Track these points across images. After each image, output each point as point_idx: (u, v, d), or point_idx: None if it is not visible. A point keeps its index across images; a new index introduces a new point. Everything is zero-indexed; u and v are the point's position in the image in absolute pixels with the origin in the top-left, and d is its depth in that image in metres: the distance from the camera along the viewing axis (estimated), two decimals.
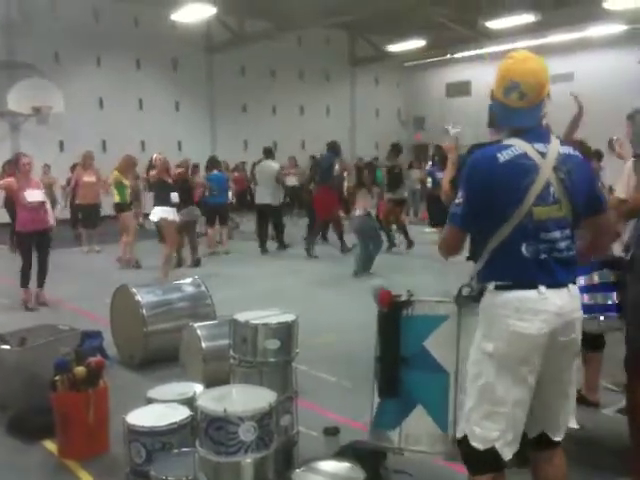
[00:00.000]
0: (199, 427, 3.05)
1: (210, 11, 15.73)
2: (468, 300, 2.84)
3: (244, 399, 3.18)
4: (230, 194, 13.98)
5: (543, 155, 2.50)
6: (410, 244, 11.82)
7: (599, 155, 12.02)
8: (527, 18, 16.65)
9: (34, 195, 7.62)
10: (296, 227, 13.86)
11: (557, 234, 2.50)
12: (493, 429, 2.52)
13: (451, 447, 2.97)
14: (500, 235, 2.50)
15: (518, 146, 2.50)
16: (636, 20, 16.12)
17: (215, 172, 12.50)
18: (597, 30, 17.75)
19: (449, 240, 2.69)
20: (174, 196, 9.12)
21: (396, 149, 12.68)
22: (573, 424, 2.72)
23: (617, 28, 17.22)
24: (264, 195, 12.13)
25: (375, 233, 9.93)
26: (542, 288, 2.46)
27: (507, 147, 2.51)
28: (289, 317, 3.63)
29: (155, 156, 9.59)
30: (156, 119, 19.23)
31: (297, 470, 3.20)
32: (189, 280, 6.22)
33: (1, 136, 16.65)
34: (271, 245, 12.45)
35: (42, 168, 14.96)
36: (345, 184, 13.62)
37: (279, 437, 3.28)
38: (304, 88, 22.79)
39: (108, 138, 18.17)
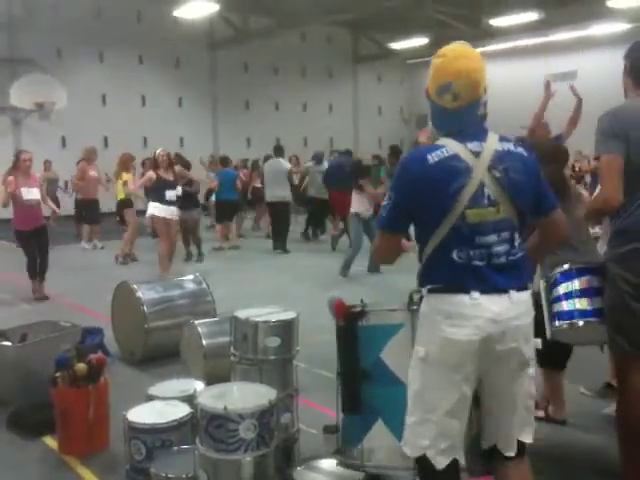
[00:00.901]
0: (199, 424, 3.05)
1: (213, 7, 15.75)
2: (418, 305, 2.69)
3: (244, 397, 3.17)
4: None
5: (477, 155, 2.36)
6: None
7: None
8: (530, 16, 16.64)
9: (32, 193, 7.62)
10: (296, 225, 13.87)
11: (493, 238, 2.37)
12: (424, 436, 2.42)
13: (409, 461, 2.87)
14: (434, 240, 2.39)
15: (449, 147, 2.37)
16: (639, 18, 16.08)
17: (224, 169, 12.71)
18: (600, 28, 17.73)
19: (381, 247, 2.62)
20: (170, 194, 9.07)
21: (395, 151, 12.59)
22: (528, 439, 2.52)
23: (620, 26, 17.18)
24: (276, 191, 12.19)
25: (356, 235, 9.60)
26: (475, 294, 2.33)
27: (438, 148, 2.38)
28: (290, 315, 3.63)
29: (159, 151, 9.46)
30: (158, 115, 19.23)
31: (297, 468, 3.20)
32: (190, 277, 6.22)
33: (3, 131, 16.67)
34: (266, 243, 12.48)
35: (43, 164, 15.00)
36: None
37: (279, 435, 3.28)
38: (307, 85, 22.78)
39: (110, 134, 18.18)
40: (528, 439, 2.52)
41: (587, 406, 4.43)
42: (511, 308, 2.36)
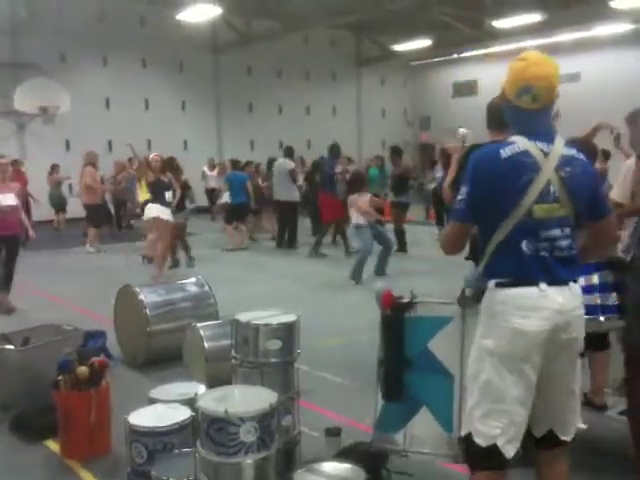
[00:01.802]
0: (200, 427, 3.04)
1: (216, 11, 15.76)
2: (471, 301, 2.86)
3: (245, 399, 3.17)
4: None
5: (545, 154, 2.50)
6: (403, 247, 11.62)
7: (607, 155, 11.96)
8: (533, 17, 16.61)
9: (7, 199, 7.54)
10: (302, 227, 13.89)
11: (557, 232, 2.51)
12: (495, 426, 2.51)
13: (456, 449, 2.96)
14: (501, 232, 2.50)
15: (520, 143, 2.51)
16: None
17: (234, 172, 12.97)
18: (603, 29, 17.68)
19: (450, 236, 2.69)
20: (168, 195, 9.19)
21: (396, 152, 12.55)
22: (581, 424, 2.71)
23: (623, 27, 17.15)
24: (281, 191, 12.36)
25: (365, 241, 9.40)
26: (543, 285, 2.46)
27: (509, 144, 2.52)
28: (290, 317, 3.62)
29: (152, 156, 9.65)
30: (162, 119, 19.26)
31: (298, 471, 3.19)
32: (193, 280, 6.22)
33: (7, 136, 16.67)
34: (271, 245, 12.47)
35: (51, 167, 15.11)
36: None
37: (280, 438, 3.27)
38: (310, 88, 22.79)
39: (114, 138, 18.20)
40: (582, 425, 2.71)
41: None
42: (572, 299, 2.51)
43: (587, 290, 3.31)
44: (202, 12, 15.86)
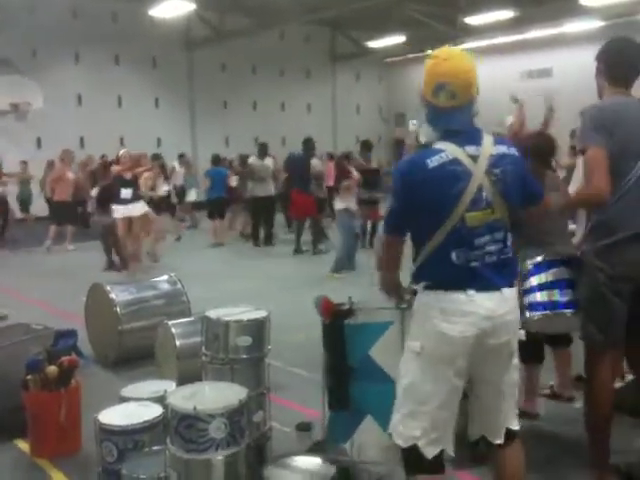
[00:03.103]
0: (169, 425, 3.04)
1: (189, 7, 15.65)
2: (410, 304, 2.79)
3: (215, 396, 3.16)
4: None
5: (475, 159, 2.45)
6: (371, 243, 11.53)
7: (574, 150, 12.10)
8: (506, 14, 16.75)
9: None
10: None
11: (487, 237, 2.47)
12: (415, 427, 2.51)
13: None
14: (433, 242, 2.47)
15: (449, 151, 2.45)
16: (612, 16, 16.25)
17: (215, 167, 13.11)
18: (574, 26, 17.87)
19: (384, 249, 2.68)
20: (125, 192, 9.12)
21: (366, 146, 12.56)
22: (515, 425, 2.68)
23: (594, 24, 17.35)
24: (264, 189, 12.38)
25: (349, 230, 9.61)
26: (470, 291, 2.43)
27: (437, 152, 2.46)
28: (261, 314, 3.64)
29: (121, 152, 9.60)
30: (135, 116, 19.08)
31: (269, 466, 3.20)
32: (165, 277, 6.19)
33: None
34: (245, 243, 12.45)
35: (19, 164, 14.90)
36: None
37: (251, 433, 3.28)
38: (285, 84, 22.72)
39: (86, 135, 18.03)
40: (516, 426, 2.66)
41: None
42: (503, 304, 2.49)
43: (541, 288, 3.36)
44: (175, 8, 15.73)
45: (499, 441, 2.63)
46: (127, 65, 19.22)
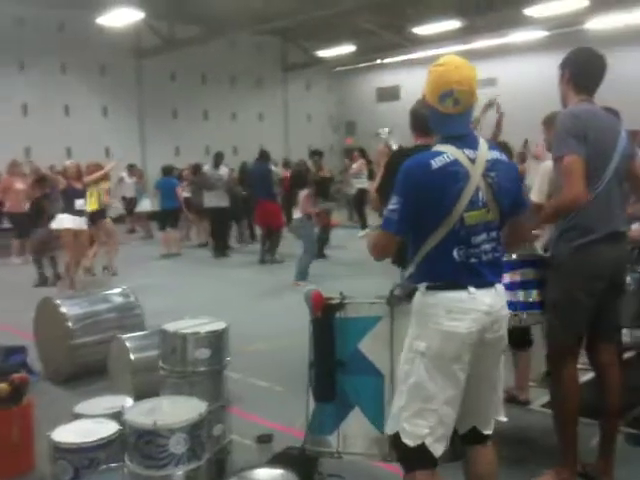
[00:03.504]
0: (128, 441, 2.97)
1: (138, 15, 15.46)
2: (400, 300, 2.93)
3: (174, 410, 3.11)
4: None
5: (473, 161, 2.56)
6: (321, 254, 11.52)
7: (523, 157, 12.40)
8: (453, 24, 17.08)
9: None
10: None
11: (484, 236, 2.59)
12: (423, 426, 2.57)
13: (387, 448, 3.00)
14: (433, 240, 2.56)
15: (450, 153, 2.55)
16: (556, 26, 16.73)
17: (165, 178, 12.98)
18: (519, 36, 18.36)
19: (382, 245, 2.71)
20: (79, 203, 8.94)
21: (317, 155, 12.63)
22: (502, 417, 2.81)
23: (538, 34, 17.84)
24: (218, 199, 12.32)
25: (311, 238, 9.70)
26: (472, 289, 2.54)
27: (439, 154, 2.56)
28: (219, 325, 3.60)
29: (68, 163, 9.43)
30: (83, 125, 18.74)
31: (230, 479, 3.16)
32: (118, 290, 6.07)
33: None
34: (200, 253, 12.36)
35: None
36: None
37: (211, 447, 3.24)
38: (236, 93, 22.65)
39: (33, 145, 17.61)
40: (502, 417, 2.81)
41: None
42: (498, 299, 2.63)
43: (510, 287, 3.43)
44: (124, 16, 15.53)
45: (489, 431, 2.75)
46: (74, 74, 18.88)
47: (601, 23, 16.02)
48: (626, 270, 3.61)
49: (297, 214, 9.53)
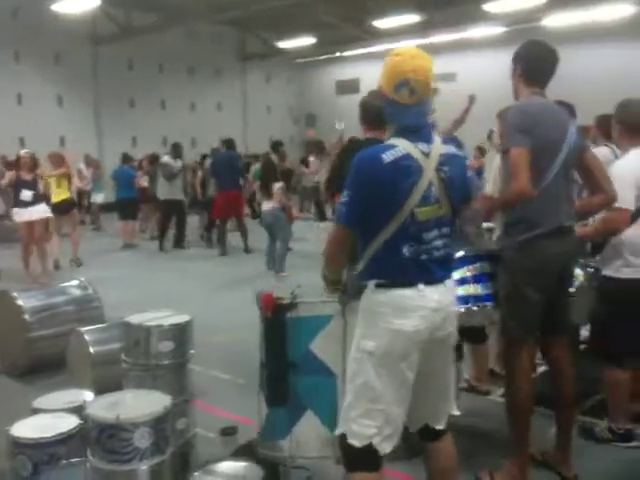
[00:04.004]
0: (90, 436, 2.92)
1: (94, 2, 15.14)
2: (351, 298, 2.84)
3: (138, 404, 3.07)
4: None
5: (427, 155, 2.52)
6: None
7: (482, 151, 12.55)
8: (412, 18, 17.19)
9: None
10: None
11: (435, 233, 2.56)
12: (370, 426, 2.54)
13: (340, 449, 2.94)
14: (383, 236, 2.52)
15: (402, 147, 2.51)
16: (514, 22, 16.95)
17: (122, 167, 12.89)
18: (479, 31, 18.55)
19: (337, 238, 2.67)
20: (26, 194, 8.76)
21: (277, 146, 12.60)
22: (455, 411, 2.80)
23: (497, 30, 18.06)
24: (174, 191, 12.13)
25: (285, 228, 9.70)
26: (421, 286, 2.51)
27: (391, 147, 2.52)
28: (183, 318, 3.56)
29: (22, 153, 9.20)
30: (37, 114, 18.25)
31: (195, 473, 3.14)
32: (75, 282, 5.96)
33: None
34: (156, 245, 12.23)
35: None
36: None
37: (176, 441, 3.21)
38: (194, 83, 22.38)
39: None
40: (455, 411, 2.81)
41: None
42: (447, 295, 2.61)
43: (462, 282, 3.46)
44: (79, 3, 15.19)
45: (441, 426, 2.74)
46: (28, 62, 18.37)
47: (558, 20, 16.29)
48: (574, 265, 3.61)
49: (268, 206, 9.45)
